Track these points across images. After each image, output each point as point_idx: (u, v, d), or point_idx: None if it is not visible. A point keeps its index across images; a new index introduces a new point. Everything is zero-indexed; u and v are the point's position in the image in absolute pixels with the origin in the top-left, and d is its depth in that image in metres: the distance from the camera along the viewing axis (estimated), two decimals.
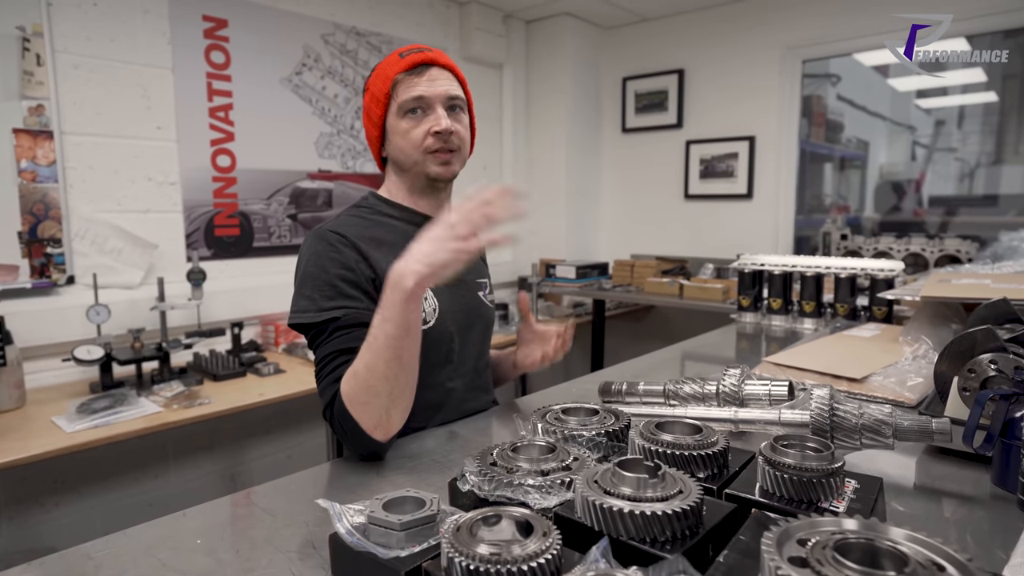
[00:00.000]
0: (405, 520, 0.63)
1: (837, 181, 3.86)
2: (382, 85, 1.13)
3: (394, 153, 1.17)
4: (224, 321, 2.50)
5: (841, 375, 1.24)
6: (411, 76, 1.11)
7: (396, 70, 1.11)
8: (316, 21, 2.90)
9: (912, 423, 0.81)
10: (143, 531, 0.79)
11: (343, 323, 1.01)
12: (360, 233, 1.11)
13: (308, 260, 1.07)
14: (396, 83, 1.12)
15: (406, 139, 1.13)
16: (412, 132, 1.12)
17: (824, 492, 0.66)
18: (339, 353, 1.00)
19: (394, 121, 1.14)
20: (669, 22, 3.81)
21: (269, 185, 2.79)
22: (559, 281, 3.60)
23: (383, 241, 1.13)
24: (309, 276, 1.05)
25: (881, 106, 3.67)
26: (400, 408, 0.95)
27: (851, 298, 1.92)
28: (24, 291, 2.13)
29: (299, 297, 1.05)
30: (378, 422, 0.93)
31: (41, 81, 2.12)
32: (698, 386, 1.09)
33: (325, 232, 1.09)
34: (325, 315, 1.02)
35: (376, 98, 1.14)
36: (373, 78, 1.16)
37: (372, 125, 1.17)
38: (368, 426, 0.93)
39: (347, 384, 0.94)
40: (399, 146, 1.15)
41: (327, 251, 1.06)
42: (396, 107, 1.12)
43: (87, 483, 2.30)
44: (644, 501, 0.61)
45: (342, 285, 1.04)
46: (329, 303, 1.02)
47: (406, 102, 1.11)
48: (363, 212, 1.18)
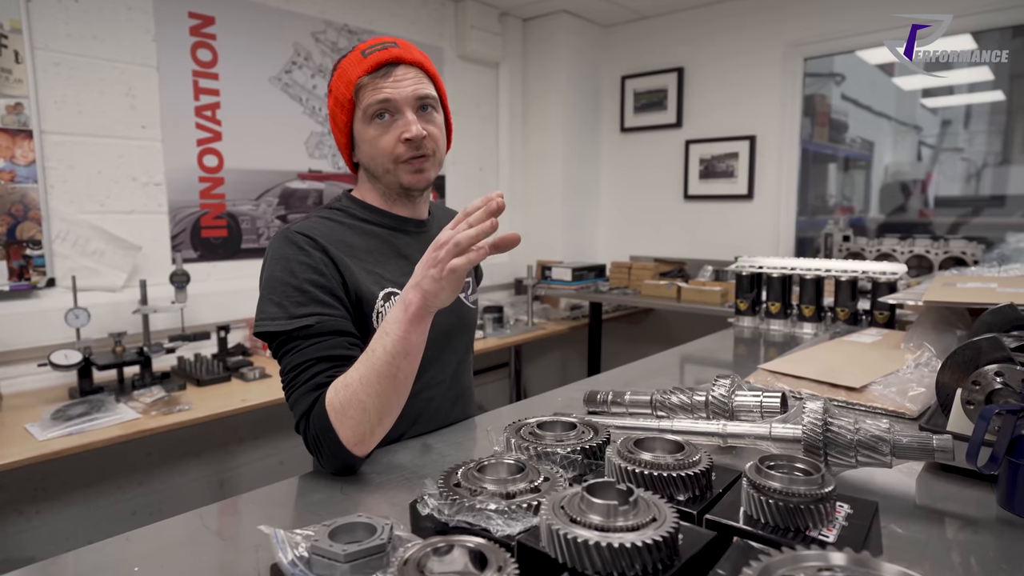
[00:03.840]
0: (350, 551, 0.59)
1: (841, 182, 3.79)
2: (344, 89, 1.05)
3: (364, 160, 1.10)
4: (210, 324, 2.45)
5: (839, 384, 1.18)
6: (375, 78, 1.03)
7: (358, 72, 1.03)
8: (306, 18, 2.85)
9: (911, 440, 0.75)
10: (81, 556, 0.74)
11: (316, 331, 0.96)
12: (331, 236, 1.04)
13: (275, 263, 1.00)
14: (359, 87, 1.04)
15: (375, 147, 1.06)
16: (380, 140, 1.05)
17: (813, 519, 0.60)
18: (315, 361, 0.94)
19: (361, 127, 1.07)
20: (669, 20, 3.76)
21: (258, 185, 2.74)
22: (555, 283, 3.54)
23: (355, 245, 1.07)
24: (277, 281, 0.99)
25: (886, 105, 3.60)
26: (384, 427, 0.91)
27: (852, 302, 1.85)
28: (2, 294, 2.08)
29: (267, 303, 0.99)
30: (360, 438, 0.88)
31: (20, 79, 2.07)
32: (686, 396, 1.03)
33: (293, 234, 1.02)
34: (297, 323, 0.96)
35: (340, 103, 1.07)
36: (335, 80, 1.08)
37: (339, 131, 1.10)
38: (349, 441, 0.88)
39: (335, 394, 0.89)
40: (368, 154, 1.08)
41: (296, 254, 1.00)
42: (361, 112, 1.05)
43: (69, 490, 2.25)
44: (613, 531, 0.56)
45: (313, 291, 0.98)
46: (301, 310, 0.96)
47: (371, 107, 1.04)
48: (335, 215, 1.11)
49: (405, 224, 1.15)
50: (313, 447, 0.91)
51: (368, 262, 1.07)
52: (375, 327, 1.02)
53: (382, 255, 1.10)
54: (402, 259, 1.12)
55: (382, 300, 1.04)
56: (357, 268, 1.04)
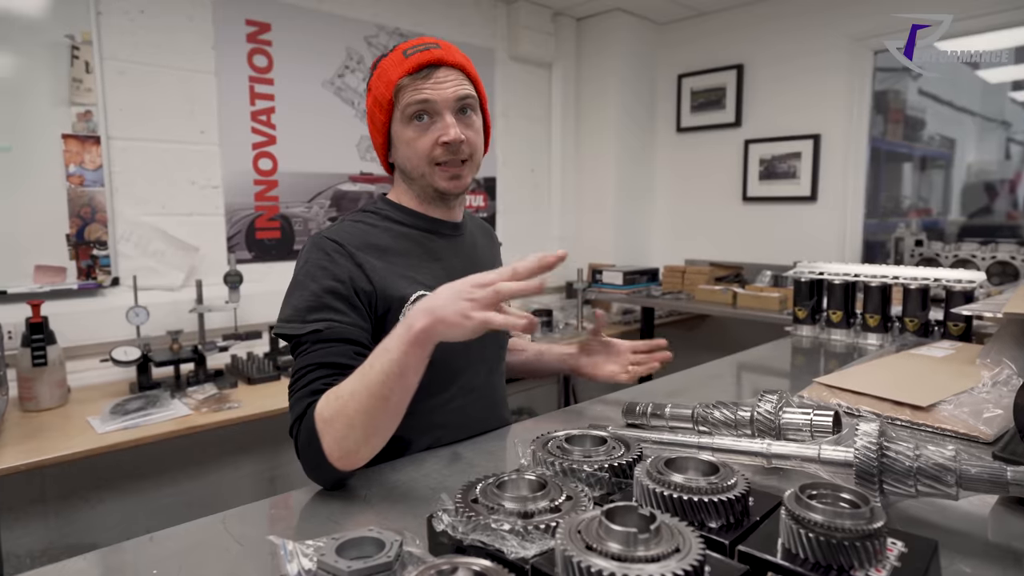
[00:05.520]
0: (355, 568, 0.56)
1: (917, 182, 3.57)
2: (384, 89, 1.04)
3: (400, 161, 1.09)
4: (262, 324, 2.51)
5: (904, 401, 1.08)
6: (416, 80, 1.02)
7: (399, 73, 1.02)
8: (359, 23, 2.88)
9: (982, 471, 0.67)
10: (103, 556, 0.74)
11: (324, 336, 0.94)
12: (361, 241, 1.03)
13: (301, 267, 1.01)
14: (400, 87, 1.02)
15: (411, 149, 1.05)
16: (418, 142, 1.04)
17: (859, 557, 0.54)
18: (316, 367, 0.92)
19: (398, 128, 1.05)
20: (727, 15, 3.63)
21: (310, 188, 2.80)
22: (606, 287, 3.47)
23: (388, 248, 1.06)
24: (298, 285, 0.99)
25: (970, 100, 3.35)
26: (371, 447, 0.86)
27: (922, 312, 1.72)
28: (70, 292, 2.19)
29: (285, 306, 0.99)
30: (344, 453, 0.84)
31: (89, 88, 2.17)
32: (730, 412, 0.97)
33: (322, 239, 1.02)
34: (307, 327, 0.95)
35: (378, 102, 1.06)
36: (375, 79, 1.07)
37: (376, 131, 1.10)
38: (332, 454, 0.84)
39: (325, 404, 0.86)
40: (405, 155, 1.07)
41: (320, 260, 1.00)
42: (400, 113, 1.04)
43: (129, 481, 2.34)
44: (632, 561, 0.51)
45: (328, 297, 0.97)
46: (313, 315, 0.95)
47: (410, 108, 1.02)
48: (369, 217, 1.10)
49: (440, 227, 1.13)
50: (299, 454, 0.88)
51: (400, 264, 1.05)
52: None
53: (415, 257, 1.08)
54: (435, 262, 1.10)
55: (411, 304, 1.02)
56: (389, 270, 1.02)
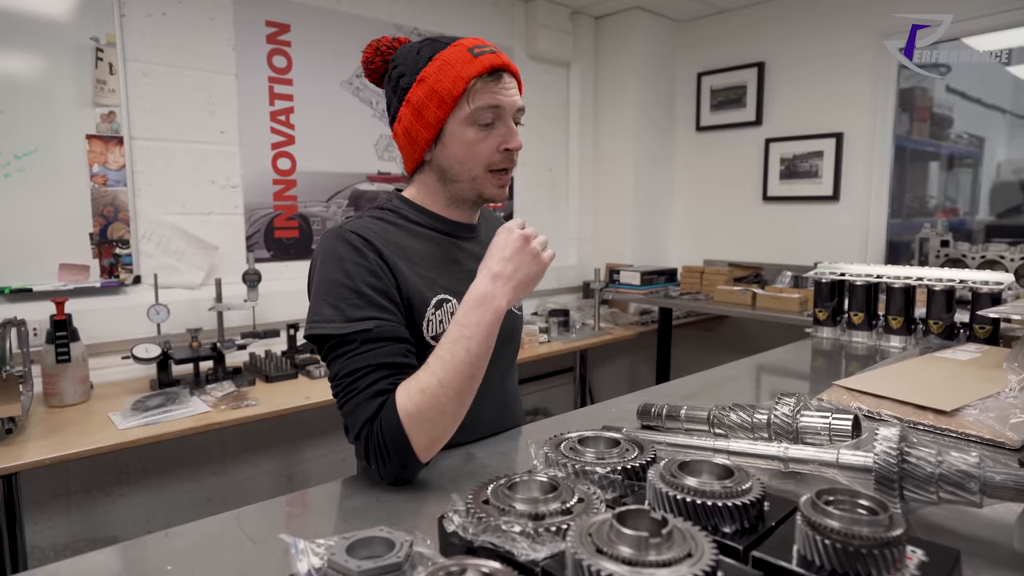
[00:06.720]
0: (364, 568, 0.56)
1: (944, 181, 3.49)
2: (451, 85, 0.97)
3: (446, 161, 1.03)
4: (280, 322, 2.53)
5: (927, 406, 1.06)
6: (489, 82, 0.98)
7: (472, 71, 0.97)
8: (377, 23, 2.90)
9: (1007, 478, 0.65)
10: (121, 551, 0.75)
11: (374, 336, 0.92)
12: (384, 238, 1.00)
13: (329, 263, 0.97)
14: (473, 87, 0.97)
15: (471, 151, 1.00)
16: (479, 145, 1.00)
17: (877, 566, 0.53)
18: (374, 368, 0.90)
19: (458, 127, 1.00)
20: (748, 12, 3.58)
21: (328, 187, 2.81)
22: (623, 287, 3.44)
23: (409, 249, 1.03)
24: (332, 282, 0.95)
25: (1001, 97, 3.27)
26: (453, 431, 0.91)
27: (947, 314, 1.68)
28: (94, 290, 2.23)
29: (321, 305, 0.95)
30: (431, 443, 0.88)
31: (113, 89, 2.21)
32: (747, 415, 0.95)
33: (346, 233, 0.98)
34: (354, 326, 0.92)
35: (439, 97, 0.98)
36: (436, 72, 0.98)
37: (423, 125, 1.01)
38: (420, 447, 0.86)
39: (408, 399, 0.86)
40: (457, 156, 1.02)
41: (350, 254, 0.96)
42: (467, 114, 0.98)
43: (150, 476, 2.38)
44: (642, 565, 0.51)
45: (371, 294, 0.94)
46: (358, 312, 0.93)
47: (482, 111, 0.98)
48: (388, 215, 1.07)
49: (459, 230, 1.11)
50: (377, 455, 0.87)
51: (421, 267, 1.03)
52: (424, 334, 1.00)
53: (436, 260, 1.06)
54: (454, 264, 1.08)
55: (433, 307, 1.01)
56: (410, 272, 1.00)
